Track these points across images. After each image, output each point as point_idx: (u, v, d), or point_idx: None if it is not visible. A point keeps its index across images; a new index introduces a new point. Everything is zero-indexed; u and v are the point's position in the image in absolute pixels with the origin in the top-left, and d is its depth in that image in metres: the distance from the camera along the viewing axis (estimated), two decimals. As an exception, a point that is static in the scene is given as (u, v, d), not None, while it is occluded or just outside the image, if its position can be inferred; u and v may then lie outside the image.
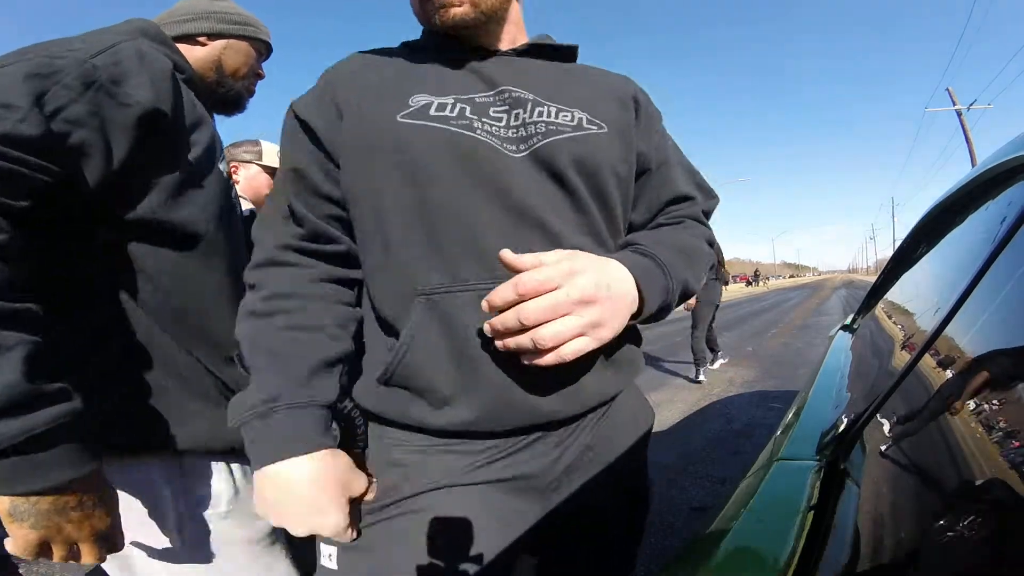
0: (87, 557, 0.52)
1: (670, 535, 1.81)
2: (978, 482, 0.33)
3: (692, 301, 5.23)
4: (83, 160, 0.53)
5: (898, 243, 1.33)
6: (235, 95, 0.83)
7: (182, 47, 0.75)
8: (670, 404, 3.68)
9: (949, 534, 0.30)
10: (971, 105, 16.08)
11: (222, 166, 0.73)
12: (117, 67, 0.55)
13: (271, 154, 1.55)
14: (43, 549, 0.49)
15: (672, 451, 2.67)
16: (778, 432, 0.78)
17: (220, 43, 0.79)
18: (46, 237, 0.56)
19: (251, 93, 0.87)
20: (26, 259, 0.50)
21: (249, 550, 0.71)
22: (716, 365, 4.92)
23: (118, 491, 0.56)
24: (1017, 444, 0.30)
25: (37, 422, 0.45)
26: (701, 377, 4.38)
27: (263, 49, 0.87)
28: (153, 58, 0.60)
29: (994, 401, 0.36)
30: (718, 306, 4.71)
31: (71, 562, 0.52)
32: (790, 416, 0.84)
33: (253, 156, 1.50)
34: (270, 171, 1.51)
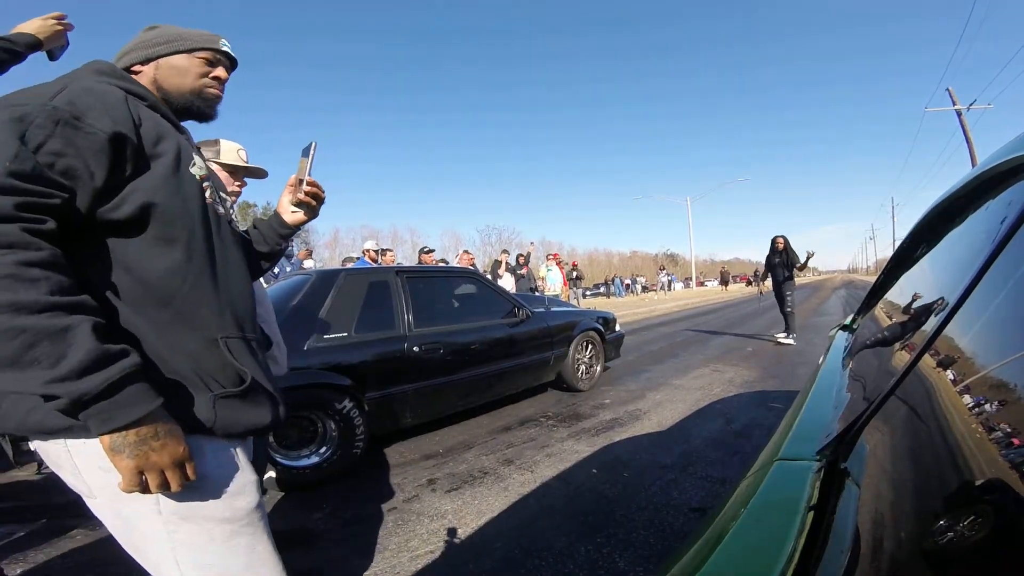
0: (173, 484, 0.66)
1: (670, 535, 1.81)
2: (978, 482, 0.32)
3: (767, 285, 6.75)
4: (74, 182, 0.64)
5: (898, 243, 1.33)
6: (185, 105, 0.87)
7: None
8: (670, 404, 3.68)
9: (949, 534, 0.30)
10: (971, 105, 16.04)
11: (193, 170, 0.80)
12: (73, 105, 0.65)
13: (229, 152, 1.56)
14: (142, 481, 0.63)
15: (672, 451, 2.67)
16: (778, 432, 0.78)
17: (151, 66, 0.85)
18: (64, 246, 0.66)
19: (209, 98, 0.89)
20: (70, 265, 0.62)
21: (222, 529, 0.73)
22: (790, 340, 6.42)
23: None
24: (1017, 444, 0.30)
25: (112, 374, 0.60)
26: (789, 339, 6.37)
27: (211, 56, 0.89)
28: (101, 91, 0.70)
29: (994, 401, 0.36)
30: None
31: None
32: (790, 416, 0.84)
33: (212, 155, 1.53)
34: (229, 168, 1.55)
